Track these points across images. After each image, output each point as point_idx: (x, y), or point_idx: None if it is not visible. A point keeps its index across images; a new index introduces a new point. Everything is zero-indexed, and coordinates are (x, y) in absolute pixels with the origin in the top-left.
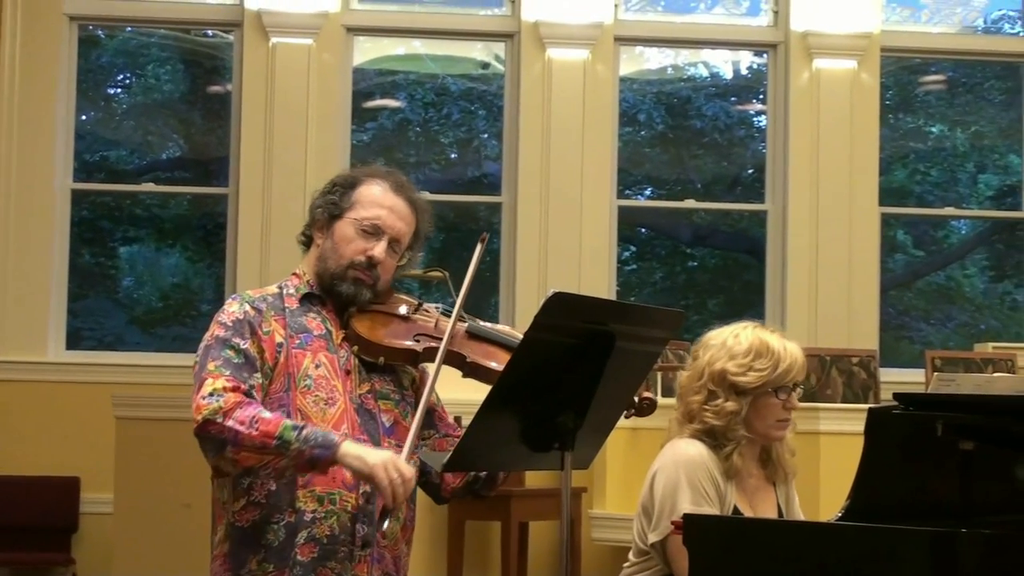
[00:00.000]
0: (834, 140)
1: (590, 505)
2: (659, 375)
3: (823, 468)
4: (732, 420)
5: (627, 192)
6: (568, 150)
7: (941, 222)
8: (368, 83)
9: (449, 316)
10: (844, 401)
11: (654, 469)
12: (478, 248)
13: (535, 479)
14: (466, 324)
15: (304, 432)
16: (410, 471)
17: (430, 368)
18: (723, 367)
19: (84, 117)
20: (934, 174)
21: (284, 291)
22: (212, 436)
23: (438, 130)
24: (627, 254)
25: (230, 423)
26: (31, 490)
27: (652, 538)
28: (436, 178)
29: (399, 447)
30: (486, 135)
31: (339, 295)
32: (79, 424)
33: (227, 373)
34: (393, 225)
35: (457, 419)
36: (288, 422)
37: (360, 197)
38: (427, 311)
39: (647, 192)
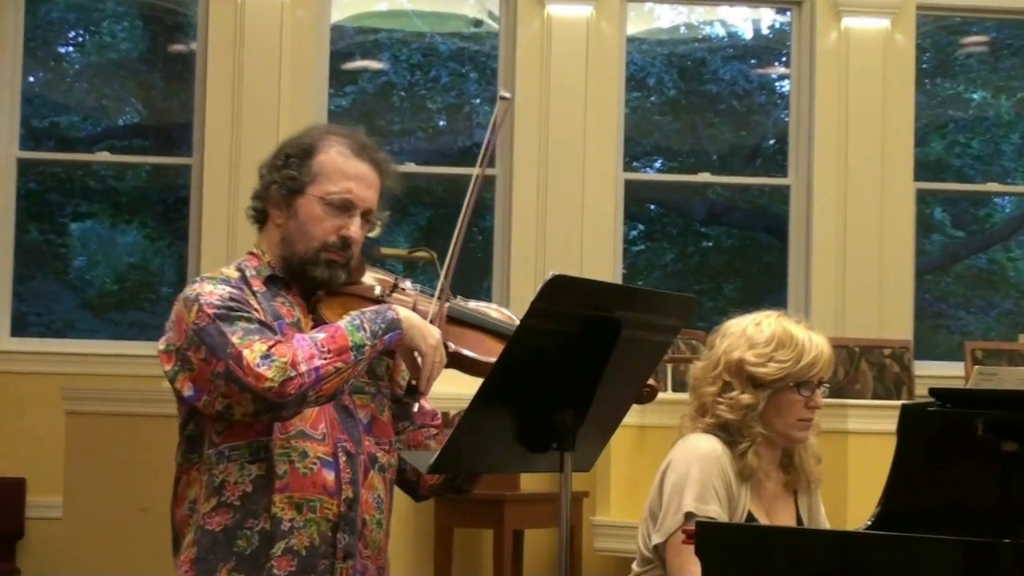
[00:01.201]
0: (864, 108)
1: (592, 511)
2: (669, 367)
3: (851, 471)
4: (747, 415)
5: (635, 164)
6: (569, 118)
7: (983, 199)
8: (347, 42)
9: (429, 296)
10: (874, 397)
11: (664, 466)
12: (496, 113)
13: (531, 482)
14: (447, 306)
15: (366, 326)
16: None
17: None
18: (741, 356)
19: (32, 79)
20: (975, 146)
21: (247, 272)
22: (296, 395)
23: (425, 95)
24: (634, 233)
25: (303, 367)
26: None
27: (655, 539)
28: (423, 148)
29: (378, 444)
30: (478, 100)
31: (312, 280)
32: (24, 419)
33: (257, 338)
34: (364, 196)
35: (445, 415)
36: (346, 324)
37: (322, 168)
38: (403, 291)
39: (657, 165)
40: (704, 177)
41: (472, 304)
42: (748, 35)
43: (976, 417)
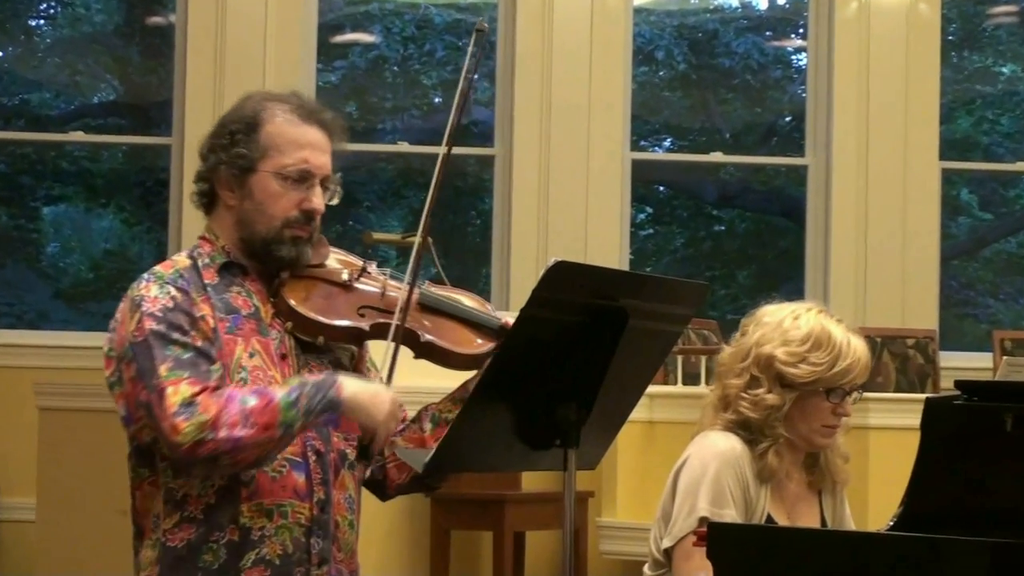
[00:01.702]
0: (887, 83)
1: (597, 512)
2: (679, 359)
3: (872, 468)
4: (771, 415)
5: (642, 143)
6: (573, 94)
7: (1012, 179)
8: (337, 14)
9: (399, 281)
10: (897, 390)
11: (679, 464)
12: (469, 53)
13: (533, 481)
14: (418, 292)
15: (302, 404)
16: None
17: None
18: (772, 352)
19: (0, 54)
20: (1004, 123)
21: (199, 261)
22: (206, 457)
23: (419, 69)
24: (642, 216)
25: (223, 433)
26: None
27: (665, 543)
28: (417, 126)
29: (347, 440)
30: (476, 75)
31: (279, 260)
32: None
33: (186, 376)
34: (321, 163)
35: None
36: (282, 398)
37: (271, 140)
38: (371, 275)
39: (666, 143)
40: (716, 157)
41: (443, 292)
42: (763, 5)
43: (1005, 411)
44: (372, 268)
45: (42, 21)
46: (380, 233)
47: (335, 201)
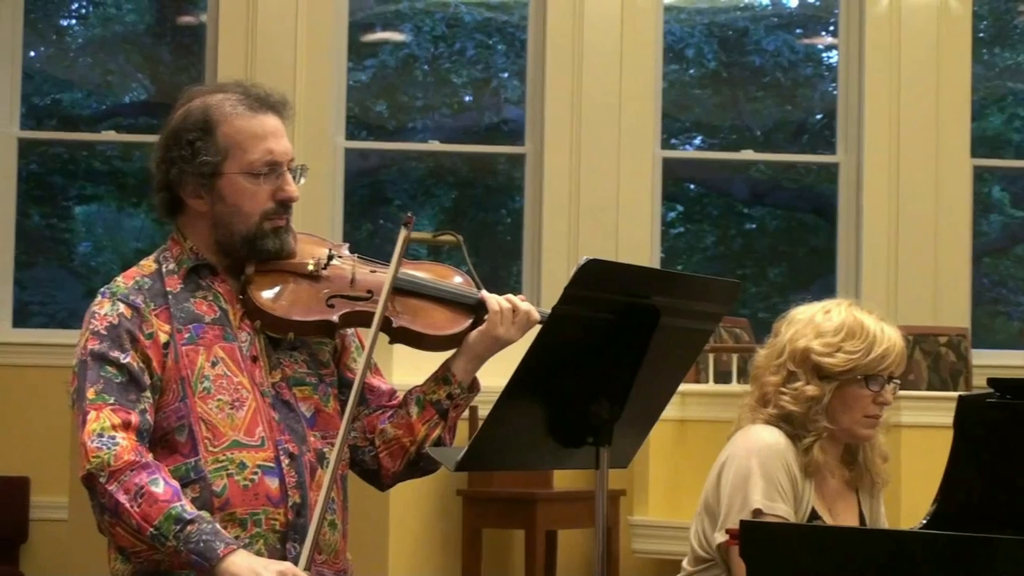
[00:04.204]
0: (918, 80)
1: (629, 510)
2: (711, 357)
3: (905, 466)
4: (812, 407)
5: (673, 141)
6: (603, 92)
7: None
8: (367, 13)
9: (373, 264)
10: (930, 388)
11: (722, 459)
12: (401, 236)
13: (564, 480)
14: (394, 277)
15: (187, 530)
16: None
17: (357, 331)
18: (807, 345)
19: (32, 54)
20: None
21: (164, 267)
22: (95, 496)
23: (450, 68)
24: (673, 215)
25: (112, 487)
26: None
27: (718, 538)
28: (448, 125)
29: (325, 439)
30: (506, 74)
31: (265, 254)
32: (27, 415)
33: (111, 401)
34: (284, 149)
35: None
36: (177, 508)
37: (230, 139)
38: (341, 259)
39: (696, 141)
40: (747, 155)
41: (416, 271)
42: (793, 3)
43: None
44: (343, 251)
45: (74, 21)
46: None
47: (303, 181)
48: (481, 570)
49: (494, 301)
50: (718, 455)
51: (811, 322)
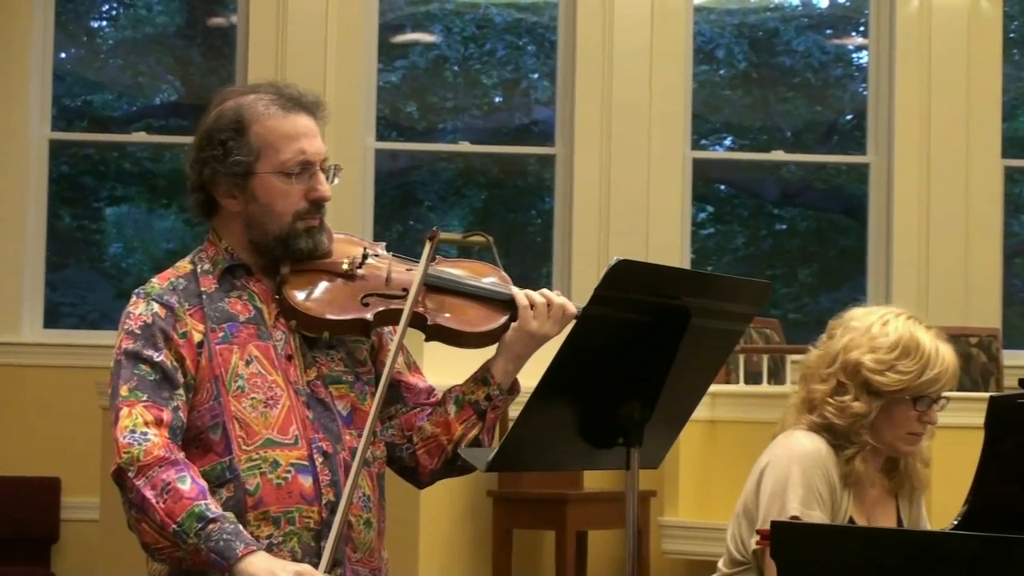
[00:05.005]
0: (948, 80)
1: (660, 511)
2: (741, 358)
3: (935, 467)
4: (857, 422)
5: (703, 142)
6: (633, 93)
7: None
8: (397, 14)
9: (409, 262)
10: (961, 389)
11: (763, 463)
12: (426, 249)
13: (595, 480)
14: (422, 274)
15: (209, 528)
16: None
17: (394, 329)
18: (860, 359)
19: (63, 55)
20: None
21: (199, 268)
22: (124, 492)
23: (480, 69)
24: (703, 215)
25: (140, 482)
26: (2, 494)
27: (754, 544)
28: (478, 126)
29: (360, 438)
30: (536, 75)
31: (299, 254)
32: (59, 415)
33: (144, 398)
34: (317, 149)
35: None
36: (200, 506)
37: (262, 139)
38: (376, 257)
39: (727, 142)
40: (777, 155)
41: (450, 268)
42: (823, 3)
43: None
44: (379, 250)
45: (104, 22)
46: (444, 232)
47: (337, 181)
48: (512, 571)
49: (523, 296)
50: (758, 457)
51: (867, 332)
